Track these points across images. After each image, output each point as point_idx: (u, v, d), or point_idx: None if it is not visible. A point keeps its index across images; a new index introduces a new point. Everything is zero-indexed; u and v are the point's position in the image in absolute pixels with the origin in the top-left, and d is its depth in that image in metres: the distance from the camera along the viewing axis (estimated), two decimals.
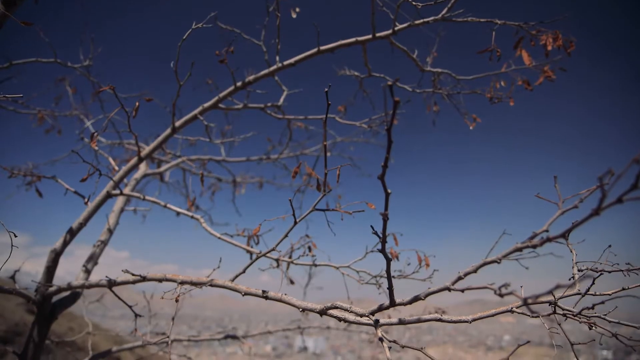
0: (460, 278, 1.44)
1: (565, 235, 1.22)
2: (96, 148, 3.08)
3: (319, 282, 4.02)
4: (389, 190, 1.23)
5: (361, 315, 1.64)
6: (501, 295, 1.32)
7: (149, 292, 3.94)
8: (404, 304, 1.56)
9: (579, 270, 2.21)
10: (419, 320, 2.12)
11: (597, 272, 2.24)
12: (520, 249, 1.36)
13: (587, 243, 2.20)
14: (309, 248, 3.05)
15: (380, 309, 1.59)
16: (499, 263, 1.43)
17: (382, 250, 1.41)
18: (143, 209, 4.46)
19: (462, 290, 1.43)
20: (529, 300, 1.19)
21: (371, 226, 1.41)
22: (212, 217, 5.76)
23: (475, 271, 1.44)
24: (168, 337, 3.37)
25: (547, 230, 1.43)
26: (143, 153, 3.27)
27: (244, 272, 2.36)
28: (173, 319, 2.42)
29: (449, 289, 1.45)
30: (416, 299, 1.53)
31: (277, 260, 2.73)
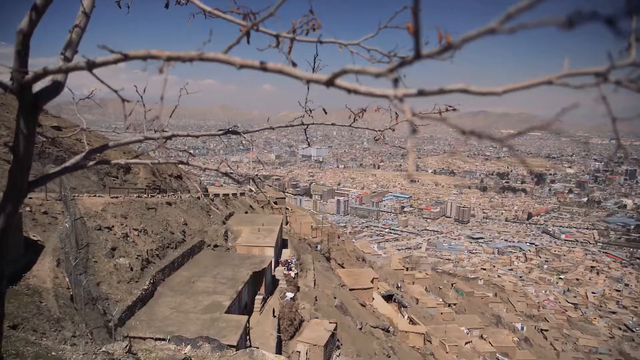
0: (509, 16, 1.11)
1: None
2: None
3: (324, 73, 3.72)
4: None
5: (377, 75, 1.38)
6: (571, 23, 1.01)
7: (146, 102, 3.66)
8: (433, 55, 1.27)
9: (636, 40, 1.88)
10: (441, 91, 1.86)
11: None
12: None
13: None
14: (313, 28, 2.66)
15: (403, 63, 1.31)
16: None
17: None
18: None
19: (512, 30, 1.12)
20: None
21: None
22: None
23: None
24: (166, 131, 3.21)
25: None
26: None
27: (237, 42, 2.05)
28: (162, 98, 2.18)
29: (492, 30, 1.14)
30: (448, 47, 1.23)
31: (276, 36, 2.37)
